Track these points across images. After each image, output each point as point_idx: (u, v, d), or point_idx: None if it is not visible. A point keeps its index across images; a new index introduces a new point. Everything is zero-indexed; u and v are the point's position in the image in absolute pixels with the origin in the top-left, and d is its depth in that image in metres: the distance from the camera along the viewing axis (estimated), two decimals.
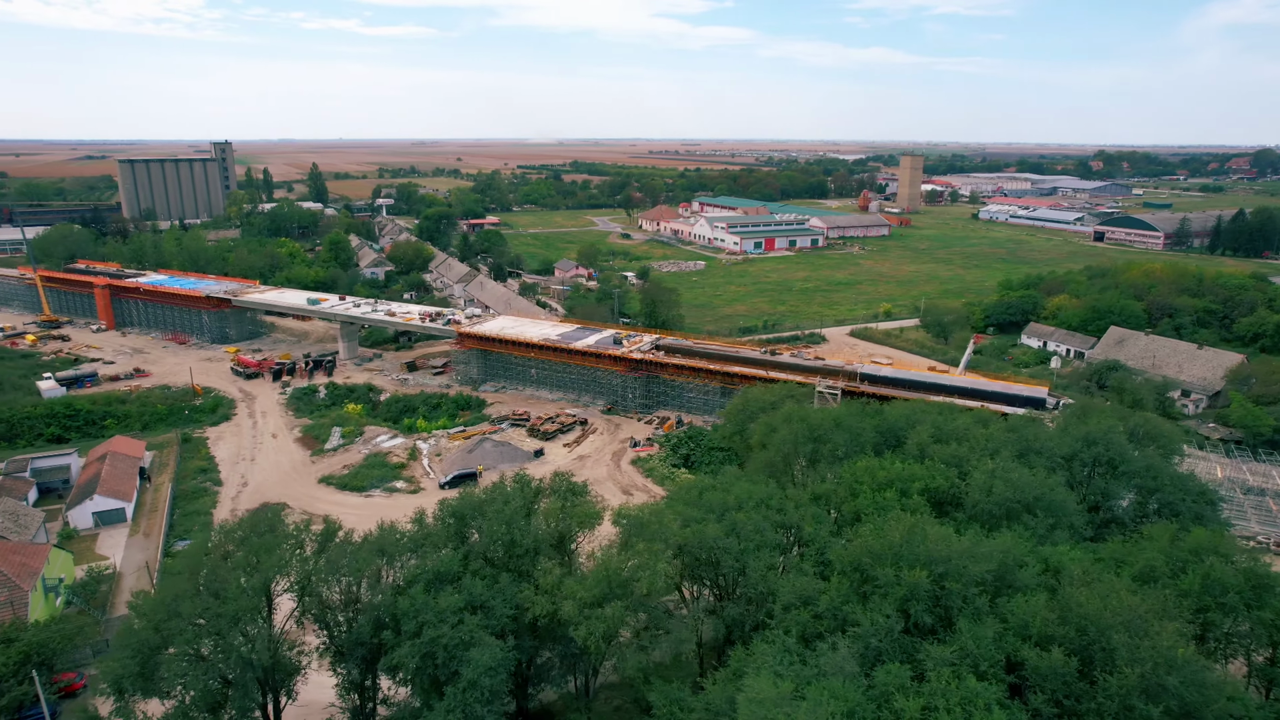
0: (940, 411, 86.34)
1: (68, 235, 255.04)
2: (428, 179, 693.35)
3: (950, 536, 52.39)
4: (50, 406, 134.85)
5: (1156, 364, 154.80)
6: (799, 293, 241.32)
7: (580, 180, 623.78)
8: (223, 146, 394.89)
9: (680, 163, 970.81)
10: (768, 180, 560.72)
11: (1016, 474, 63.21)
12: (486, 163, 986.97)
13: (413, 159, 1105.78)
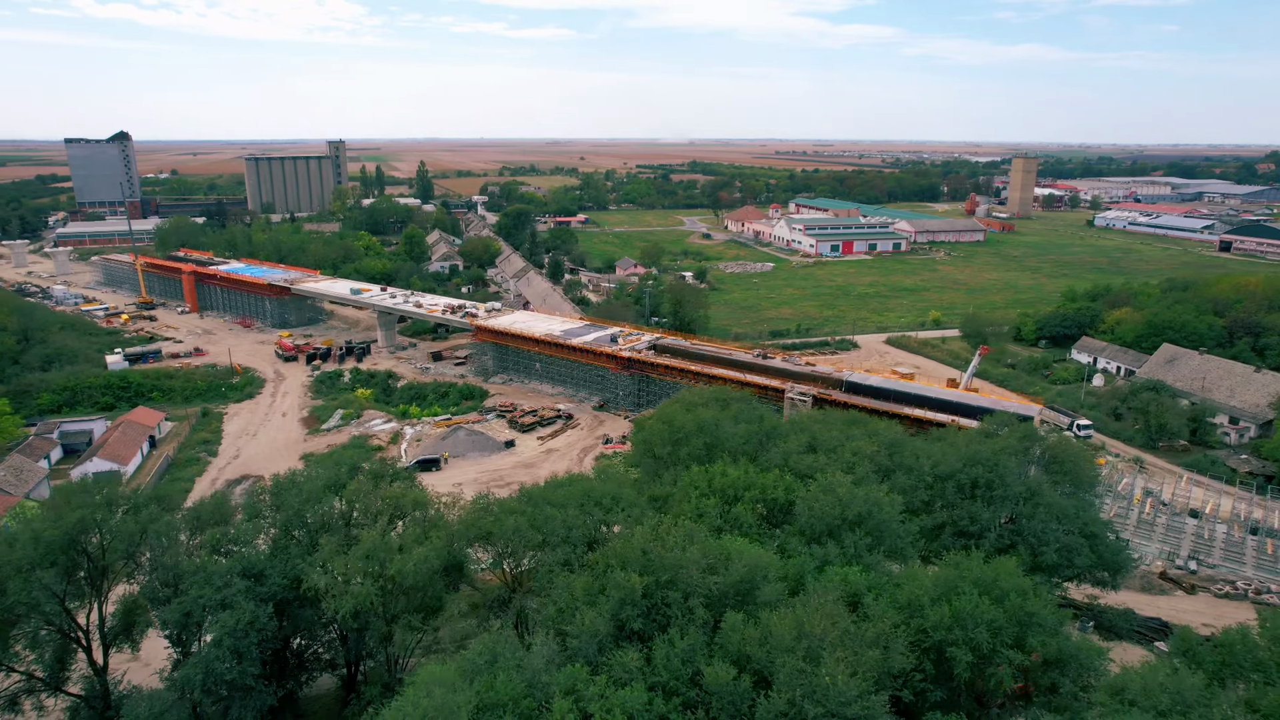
0: (877, 422, 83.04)
1: (181, 226, 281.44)
2: (544, 177, 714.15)
3: (711, 547, 51.35)
4: (108, 378, 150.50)
5: (1206, 387, 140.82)
6: (856, 297, 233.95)
7: (686, 180, 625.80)
8: (336, 145, 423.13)
9: (802, 163, 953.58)
10: (875, 182, 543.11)
11: (844, 490, 60.57)
12: (608, 162, 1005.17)
13: (537, 157, 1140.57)
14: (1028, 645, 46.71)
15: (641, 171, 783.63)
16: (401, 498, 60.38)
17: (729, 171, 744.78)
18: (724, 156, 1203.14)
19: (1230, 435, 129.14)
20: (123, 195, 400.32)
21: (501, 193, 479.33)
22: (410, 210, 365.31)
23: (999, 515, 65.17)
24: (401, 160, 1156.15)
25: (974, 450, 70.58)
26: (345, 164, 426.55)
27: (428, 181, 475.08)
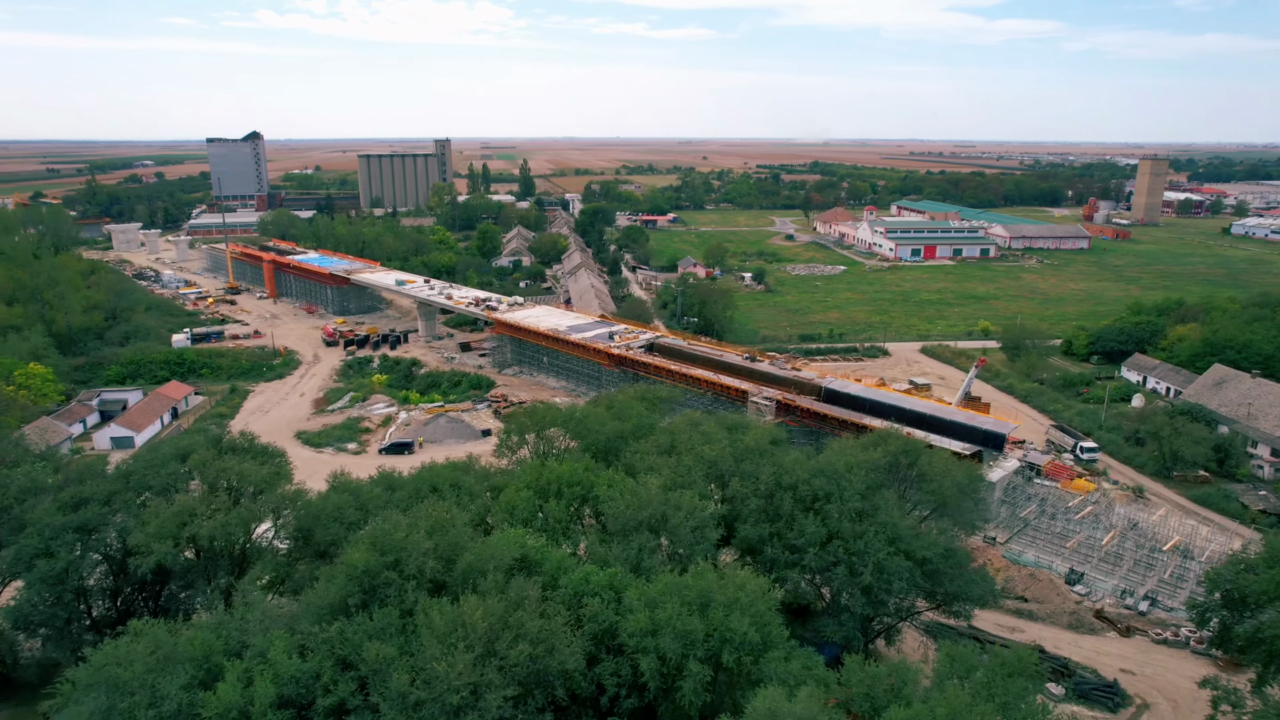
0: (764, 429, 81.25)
1: (281, 218, 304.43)
2: (658, 175, 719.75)
3: (456, 535, 53.05)
4: (168, 355, 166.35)
5: (1252, 413, 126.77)
6: (916, 303, 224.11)
7: (796, 180, 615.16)
8: (442, 143, 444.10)
9: (929, 164, 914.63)
10: (992, 185, 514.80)
11: (644, 493, 60.15)
12: (729, 161, 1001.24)
13: (661, 156, 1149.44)
14: (724, 660, 45.44)
15: (759, 171, 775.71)
16: (246, 471, 64.81)
17: (845, 172, 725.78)
18: (853, 157, 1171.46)
19: (1265, 469, 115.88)
20: (253, 190, 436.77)
21: (602, 191, 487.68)
22: (502, 206, 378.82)
23: (823, 531, 62.40)
24: (531, 158, 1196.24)
25: (822, 462, 67.91)
26: (450, 161, 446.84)
27: (529, 179, 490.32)
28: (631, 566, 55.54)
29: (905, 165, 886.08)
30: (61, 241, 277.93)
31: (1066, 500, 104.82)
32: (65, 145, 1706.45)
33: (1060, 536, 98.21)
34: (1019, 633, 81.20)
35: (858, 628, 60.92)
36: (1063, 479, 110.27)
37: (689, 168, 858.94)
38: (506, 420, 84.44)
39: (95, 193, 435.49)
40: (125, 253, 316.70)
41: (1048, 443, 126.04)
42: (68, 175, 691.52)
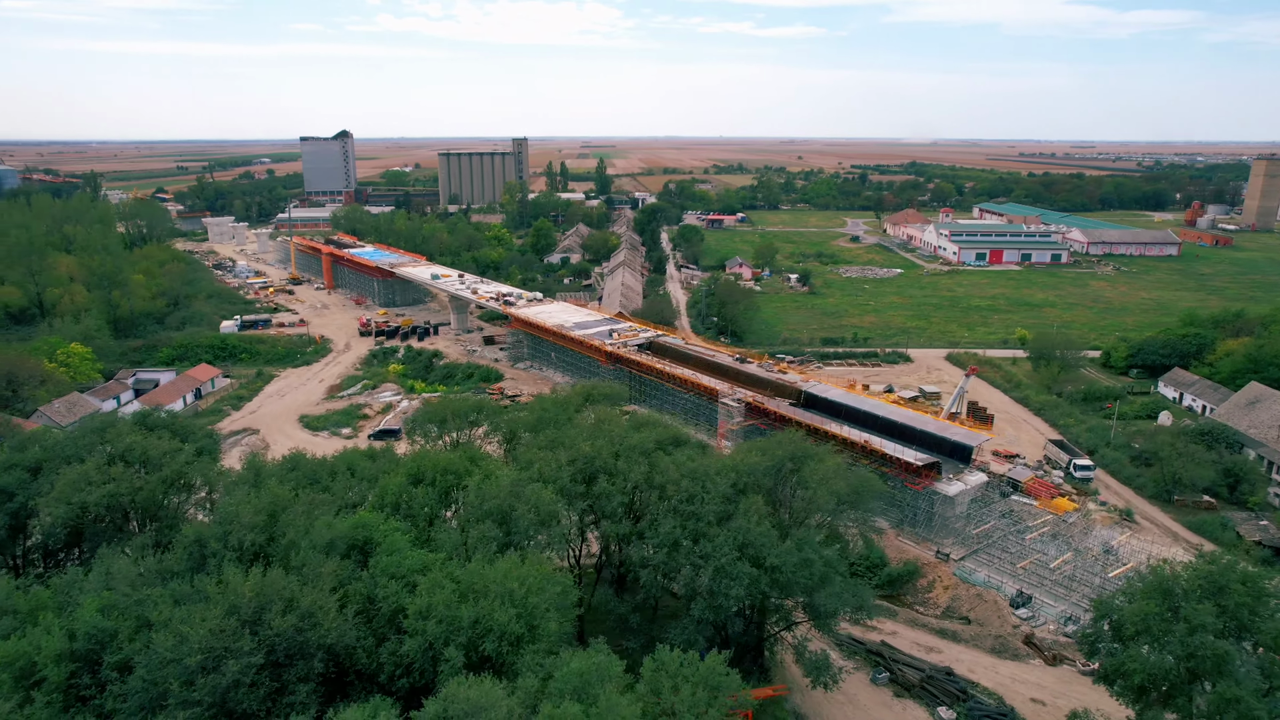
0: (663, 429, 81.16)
1: (354, 213, 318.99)
2: (745, 175, 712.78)
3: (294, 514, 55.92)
4: (213, 339, 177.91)
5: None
6: (962, 309, 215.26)
7: (883, 181, 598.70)
8: (520, 142, 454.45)
9: (1033, 166, 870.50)
10: (1088, 188, 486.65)
11: (493, 486, 61.40)
12: (823, 161, 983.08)
13: (755, 155, 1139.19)
14: (485, 649, 46.18)
15: (851, 171, 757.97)
16: (148, 446, 69.67)
17: (939, 173, 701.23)
18: (957, 158, 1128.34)
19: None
20: (340, 186, 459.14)
21: (678, 190, 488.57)
22: (569, 204, 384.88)
23: (676, 532, 61.83)
24: (625, 157, 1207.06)
25: (696, 464, 67.27)
26: (526, 160, 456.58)
27: (605, 178, 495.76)
28: (460, 554, 56.96)
29: (1010, 166, 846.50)
30: (155, 233, 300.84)
31: (1031, 519, 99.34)
32: (199, 144, 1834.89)
33: (1019, 556, 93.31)
34: (936, 653, 77.91)
35: (704, 633, 60.09)
36: (1042, 497, 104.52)
37: (780, 167, 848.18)
38: (425, 408, 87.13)
39: (204, 189, 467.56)
40: (217, 244, 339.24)
41: (1045, 458, 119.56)
42: (194, 172, 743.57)
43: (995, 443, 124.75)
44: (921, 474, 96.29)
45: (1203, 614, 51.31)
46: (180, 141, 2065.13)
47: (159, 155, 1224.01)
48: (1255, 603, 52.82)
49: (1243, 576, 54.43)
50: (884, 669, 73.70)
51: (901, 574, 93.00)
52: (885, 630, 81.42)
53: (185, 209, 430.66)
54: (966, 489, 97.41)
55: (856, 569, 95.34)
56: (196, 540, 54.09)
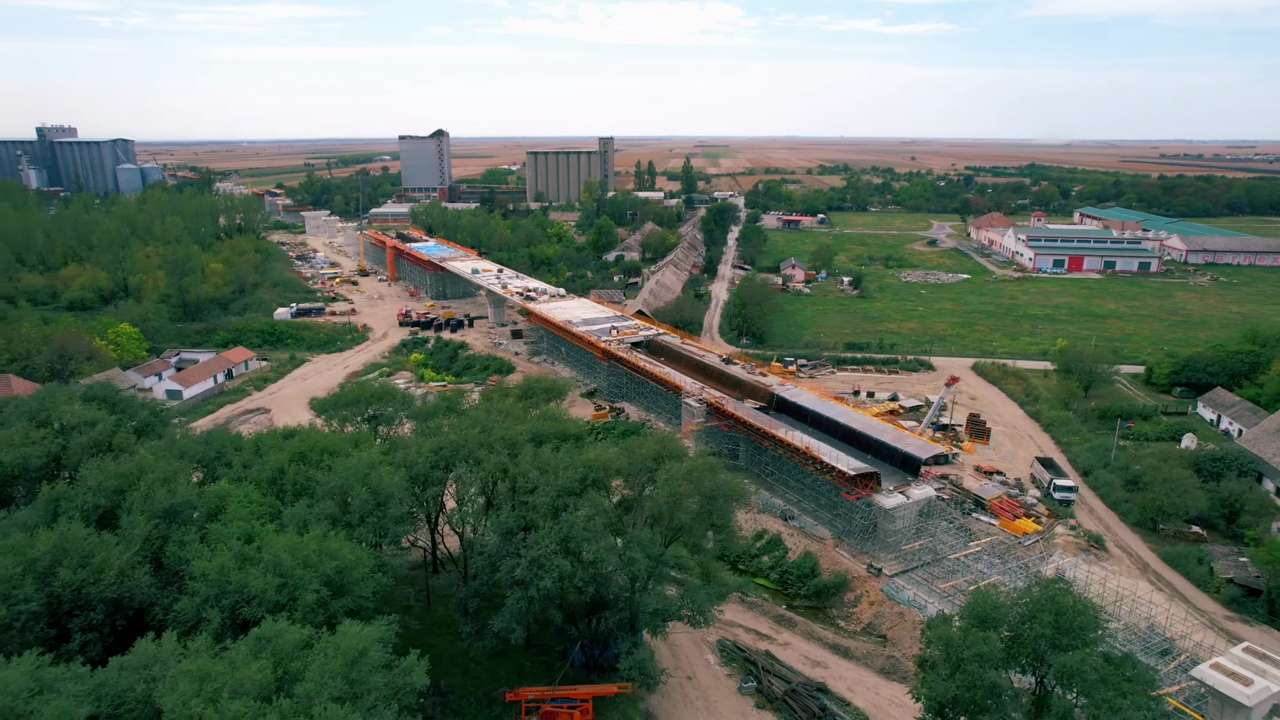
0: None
1: (432, 209, 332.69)
2: (839, 176, 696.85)
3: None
4: (264, 325, 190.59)
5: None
6: (1014, 318, 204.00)
7: (991, 184, 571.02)
8: (606, 141, 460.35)
9: (1173, 168, 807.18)
10: (1214, 192, 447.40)
11: (341, 467, 64.48)
12: (935, 162, 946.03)
13: (862, 156, 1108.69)
14: (246, 614, 49.06)
15: (962, 173, 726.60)
16: (66, 414, 76.66)
17: (1058, 175, 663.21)
18: (1086, 160, 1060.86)
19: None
20: (435, 183, 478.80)
21: (765, 191, 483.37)
22: (645, 203, 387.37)
23: (516, 522, 62.91)
24: (733, 157, 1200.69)
25: (558, 458, 67.97)
26: (611, 158, 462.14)
27: (691, 177, 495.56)
28: (299, 528, 60.21)
29: (1143, 169, 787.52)
30: (252, 225, 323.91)
31: (975, 538, 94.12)
32: (331, 142, 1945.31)
33: (953, 575, 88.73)
34: (821, 668, 75.62)
35: (517, 620, 60.83)
36: (1004, 517, 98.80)
37: (887, 168, 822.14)
38: (335, 395, 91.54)
39: (312, 184, 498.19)
40: (311, 236, 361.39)
41: (1031, 477, 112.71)
42: (319, 168, 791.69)
43: (980, 457, 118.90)
44: (859, 484, 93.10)
45: (983, 643, 48.37)
46: (315, 140, 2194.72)
47: (295, 153, 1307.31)
48: (1058, 635, 49.12)
49: (1059, 608, 50.65)
50: (754, 678, 72.20)
51: (829, 585, 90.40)
52: (779, 640, 79.56)
53: (293, 203, 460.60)
54: (907, 502, 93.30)
55: (788, 576, 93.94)
56: (54, 499, 59.51)
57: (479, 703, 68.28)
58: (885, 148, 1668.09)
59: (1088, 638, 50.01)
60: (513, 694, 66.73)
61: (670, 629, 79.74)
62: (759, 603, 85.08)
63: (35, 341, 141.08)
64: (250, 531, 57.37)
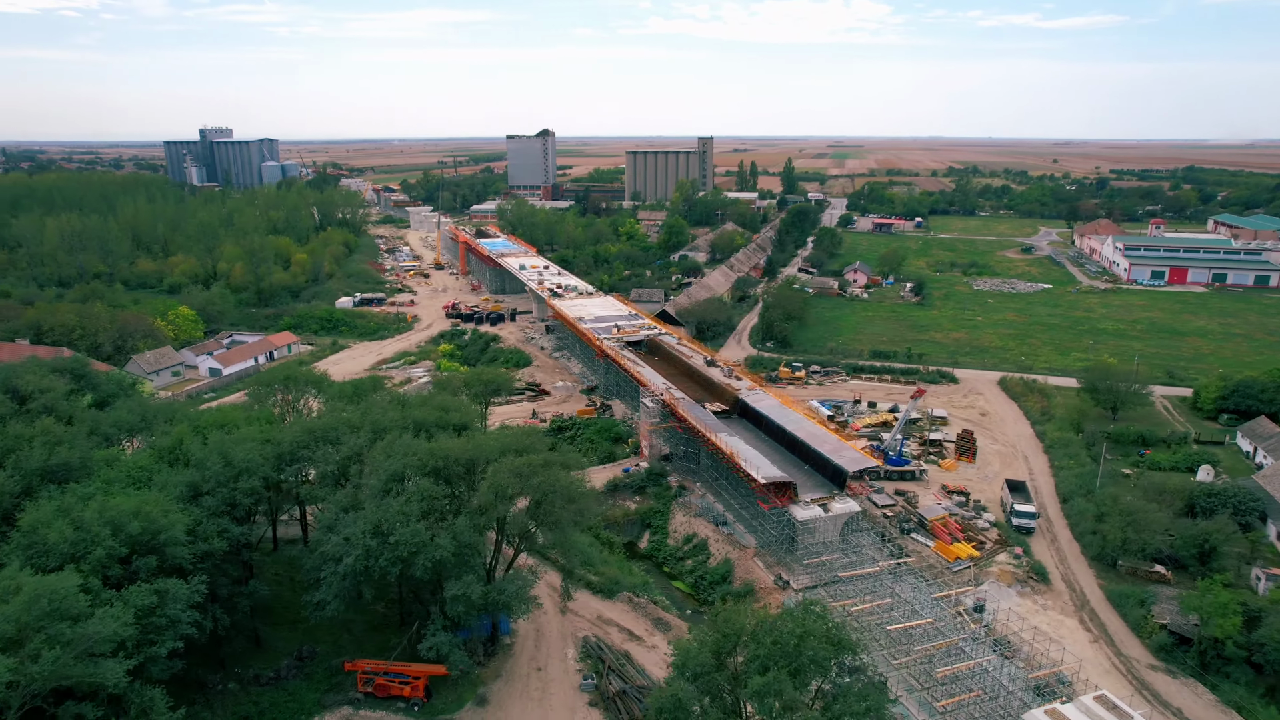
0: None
1: (520, 207, 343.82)
2: (978, 178, 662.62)
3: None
4: (323, 313, 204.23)
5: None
6: (1077, 332, 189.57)
7: (1127, 187, 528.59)
8: (705, 141, 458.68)
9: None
10: None
11: (214, 443, 69.84)
12: (1078, 165, 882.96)
13: (999, 158, 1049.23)
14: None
15: (1104, 177, 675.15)
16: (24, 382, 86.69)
17: (1213, 178, 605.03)
18: (1268, 162, 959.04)
19: (1261, 583, 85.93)
20: (540, 181, 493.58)
21: (867, 193, 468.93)
22: (735, 203, 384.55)
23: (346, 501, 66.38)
24: (862, 157, 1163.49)
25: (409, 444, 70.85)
26: (710, 158, 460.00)
27: (792, 178, 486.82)
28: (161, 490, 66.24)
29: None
30: (353, 219, 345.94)
31: (885, 560, 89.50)
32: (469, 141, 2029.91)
33: (867, 592, 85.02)
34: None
35: (333, 594, 63.98)
36: (940, 540, 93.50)
37: (1020, 170, 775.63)
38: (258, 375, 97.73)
39: (428, 181, 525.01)
40: (414, 230, 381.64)
41: (1001, 500, 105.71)
42: (448, 165, 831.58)
43: (959, 476, 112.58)
44: (775, 493, 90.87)
45: (691, 663, 47.54)
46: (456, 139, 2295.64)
47: (435, 150, 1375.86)
48: (769, 660, 47.32)
49: (777, 635, 48.70)
50: (597, 676, 72.51)
51: (735, 594, 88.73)
52: (649, 642, 79.14)
53: (407, 199, 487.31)
54: (824, 516, 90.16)
55: (702, 581, 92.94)
56: None
57: (333, 670, 72.50)
58: (1032, 149, 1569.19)
59: (823, 663, 47.93)
60: (351, 664, 70.47)
61: (544, 620, 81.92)
62: (645, 604, 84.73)
63: (104, 320, 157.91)
64: (102, 492, 63.58)
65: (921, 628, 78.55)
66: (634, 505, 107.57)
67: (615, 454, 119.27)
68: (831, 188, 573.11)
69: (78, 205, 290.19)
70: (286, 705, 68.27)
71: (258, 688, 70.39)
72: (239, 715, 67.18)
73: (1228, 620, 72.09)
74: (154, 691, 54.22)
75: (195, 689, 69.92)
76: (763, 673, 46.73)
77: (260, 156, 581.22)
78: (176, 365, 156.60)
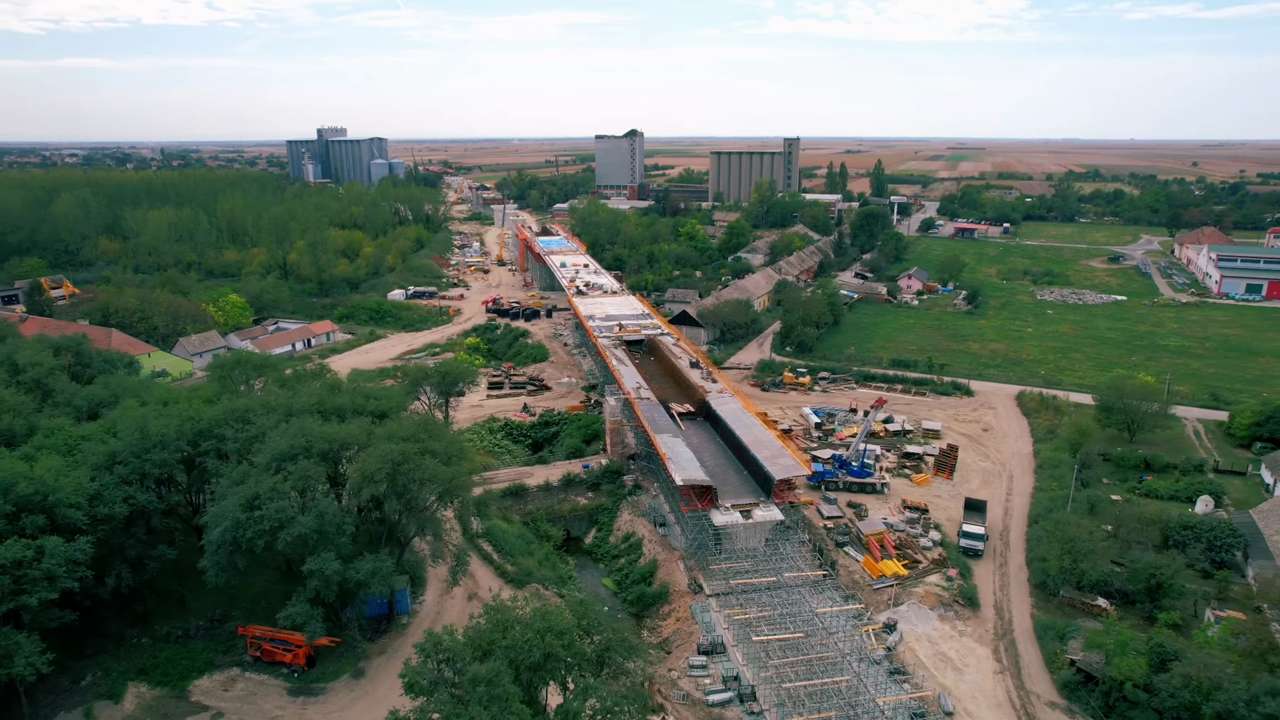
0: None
1: (592, 205, 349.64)
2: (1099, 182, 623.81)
3: None
4: (372, 304, 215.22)
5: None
6: (1131, 348, 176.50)
7: (1257, 192, 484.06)
8: (791, 142, 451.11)
9: None
10: None
11: (131, 414, 76.17)
12: (1225, 168, 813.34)
13: (1129, 161, 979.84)
14: None
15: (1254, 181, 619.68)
16: (20, 358, 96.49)
17: None
18: None
19: (1213, 625, 78.74)
20: (627, 180, 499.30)
21: (961, 196, 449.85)
22: (811, 205, 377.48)
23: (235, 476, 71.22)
24: (980, 160, 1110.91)
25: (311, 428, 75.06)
26: (796, 160, 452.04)
27: (882, 181, 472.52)
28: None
29: None
30: (434, 215, 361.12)
31: (796, 570, 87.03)
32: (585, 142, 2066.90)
33: (777, 604, 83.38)
34: None
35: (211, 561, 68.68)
36: (869, 555, 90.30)
37: (1149, 174, 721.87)
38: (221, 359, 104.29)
39: (520, 179, 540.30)
40: (495, 228, 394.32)
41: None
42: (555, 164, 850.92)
43: (928, 493, 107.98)
44: (695, 496, 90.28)
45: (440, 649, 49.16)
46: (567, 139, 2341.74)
47: (548, 150, 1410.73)
48: (512, 652, 48.15)
49: (548, 626, 49.37)
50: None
51: (651, 595, 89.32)
52: None
53: (499, 196, 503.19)
54: (742, 522, 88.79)
55: (626, 580, 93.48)
56: None
57: (234, 634, 77.69)
58: (1175, 151, 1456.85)
59: (557, 660, 48.47)
60: (244, 629, 75.40)
61: (449, 604, 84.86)
62: (548, 597, 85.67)
63: (161, 306, 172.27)
64: (26, 457, 70.76)
65: (810, 641, 76.53)
66: (585, 501, 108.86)
67: (583, 450, 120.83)
68: (933, 191, 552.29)
69: (188, 200, 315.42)
70: (181, 661, 73.80)
71: (166, 644, 76.35)
72: (138, 666, 73.19)
73: (1126, 660, 66.92)
74: (19, 636, 60.18)
75: (114, 641, 77.02)
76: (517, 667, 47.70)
77: (369, 154, 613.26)
78: (219, 348, 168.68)
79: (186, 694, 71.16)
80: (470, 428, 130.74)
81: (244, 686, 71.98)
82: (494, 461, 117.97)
